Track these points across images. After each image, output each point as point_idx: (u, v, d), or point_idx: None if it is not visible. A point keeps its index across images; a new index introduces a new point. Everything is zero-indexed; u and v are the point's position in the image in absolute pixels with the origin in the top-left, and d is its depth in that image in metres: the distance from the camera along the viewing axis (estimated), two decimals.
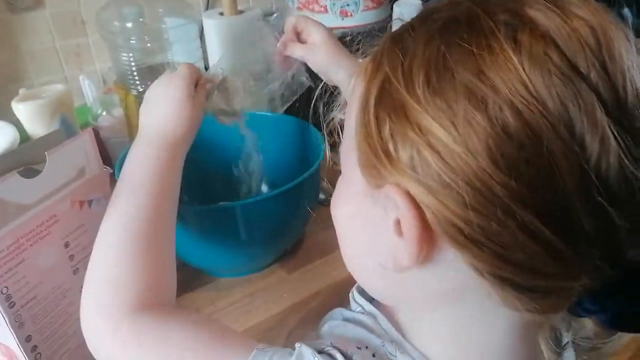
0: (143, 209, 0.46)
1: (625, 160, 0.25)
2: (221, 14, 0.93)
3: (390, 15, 1.03)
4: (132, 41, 0.74)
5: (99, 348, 0.42)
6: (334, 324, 0.39)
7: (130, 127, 0.81)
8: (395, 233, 0.29)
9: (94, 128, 0.84)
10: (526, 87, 0.25)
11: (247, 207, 0.61)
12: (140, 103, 0.76)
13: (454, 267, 0.29)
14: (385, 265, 0.32)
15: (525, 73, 0.25)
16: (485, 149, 0.25)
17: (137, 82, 0.75)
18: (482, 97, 0.26)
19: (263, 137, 0.71)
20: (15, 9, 0.89)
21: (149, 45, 0.76)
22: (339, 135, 0.37)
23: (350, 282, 0.40)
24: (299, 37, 0.66)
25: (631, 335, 0.30)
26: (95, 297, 0.43)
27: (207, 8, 1.09)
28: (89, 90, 0.91)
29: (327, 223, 0.38)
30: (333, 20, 1.03)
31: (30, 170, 0.47)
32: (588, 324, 0.32)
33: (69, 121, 0.74)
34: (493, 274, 0.27)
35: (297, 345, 0.35)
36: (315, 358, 0.33)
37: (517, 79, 0.25)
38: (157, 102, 0.53)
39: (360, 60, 0.34)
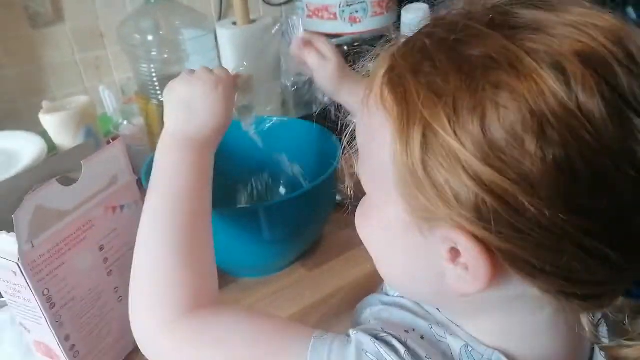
0: (181, 214, 0.46)
1: None
2: (234, 23, 0.96)
3: (399, 21, 1.06)
4: (152, 53, 0.77)
5: (156, 353, 0.43)
6: (376, 310, 0.40)
7: (152, 135, 0.84)
8: (456, 265, 0.30)
9: (115, 136, 0.87)
10: (587, 130, 0.26)
11: (269, 208, 0.64)
12: (161, 112, 0.79)
13: (518, 287, 0.30)
14: (438, 294, 0.34)
15: (585, 116, 0.26)
16: (555, 195, 0.26)
17: (158, 92, 0.78)
18: (544, 145, 0.26)
19: (281, 142, 0.73)
20: (37, 25, 0.92)
21: (167, 56, 0.79)
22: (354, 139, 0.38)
23: (369, 279, 0.42)
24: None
25: None
26: (146, 303, 0.44)
27: (220, 18, 1.12)
28: (109, 101, 0.94)
29: (345, 223, 0.40)
30: (342, 27, 1.06)
31: (67, 178, 0.50)
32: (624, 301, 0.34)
33: (93, 131, 0.77)
34: (558, 292, 0.30)
35: (352, 332, 0.35)
36: (376, 344, 0.34)
37: (577, 123, 0.26)
38: (196, 104, 0.51)
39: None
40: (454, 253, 0.30)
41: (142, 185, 0.63)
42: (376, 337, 0.34)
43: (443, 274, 0.32)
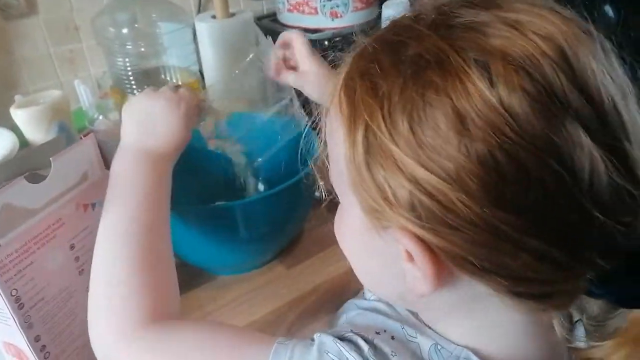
0: (138, 226, 0.46)
1: (613, 175, 0.27)
2: (213, 17, 0.95)
3: (379, 15, 1.05)
4: (127, 46, 0.76)
5: None
6: (352, 315, 0.40)
7: None
8: (410, 266, 0.31)
9: (89, 132, 0.86)
10: (510, 126, 0.26)
11: (245, 206, 0.63)
12: None
13: (470, 286, 0.31)
14: (405, 297, 0.34)
15: (507, 112, 0.26)
16: (482, 191, 0.27)
17: (134, 86, 0.77)
18: (468, 142, 0.26)
19: (259, 137, 0.72)
20: (9, 16, 0.90)
21: (143, 50, 0.78)
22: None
23: (347, 276, 0.42)
24: (288, 63, 0.65)
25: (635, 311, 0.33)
26: (102, 317, 0.44)
27: (199, 11, 1.10)
28: (84, 95, 0.91)
29: (324, 220, 0.40)
30: (323, 22, 1.05)
31: (35, 175, 0.48)
32: (595, 303, 0.35)
33: (66, 126, 0.76)
34: (506, 291, 0.30)
35: (316, 335, 0.35)
36: (337, 344, 0.34)
37: (499, 119, 0.26)
38: (157, 122, 0.52)
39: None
40: (408, 253, 0.30)
41: None
42: (340, 338, 0.34)
43: (404, 274, 0.32)
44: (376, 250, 0.33)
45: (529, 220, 0.27)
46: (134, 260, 0.45)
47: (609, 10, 0.90)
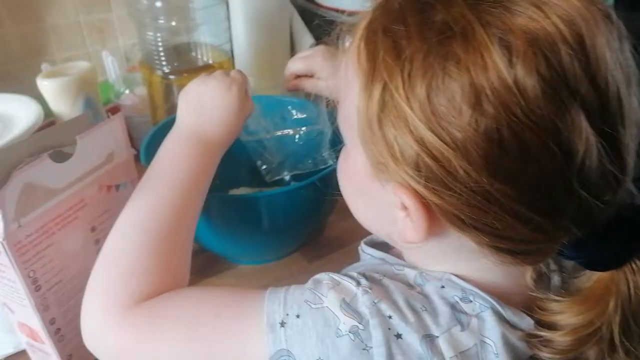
0: (170, 205, 0.45)
1: (604, 160, 0.30)
2: None
3: None
4: (159, 20, 0.73)
5: (104, 344, 0.40)
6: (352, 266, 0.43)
7: (154, 107, 0.80)
8: (403, 215, 0.33)
9: (115, 106, 0.84)
10: (520, 107, 0.28)
11: (271, 198, 0.60)
12: (166, 84, 0.76)
13: (456, 239, 0.33)
14: (392, 238, 0.38)
15: (520, 93, 0.28)
16: (483, 162, 0.29)
17: (163, 62, 0.74)
18: (479, 116, 0.28)
19: (287, 127, 0.69)
20: None
21: (175, 24, 0.75)
22: None
23: None
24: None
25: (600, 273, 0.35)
26: (103, 292, 0.41)
27: None
28: (111, 68, 0.90)
29: (347, 215, 0.41)
30: (361, 4, 1.01)
31: (60, 153, 0.46)
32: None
33: (93, 100, 0.74)
34: (489, 245, 0.33)
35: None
36: (329, 274, 0.37)
37: (511, 99, 0.28)
38: (211, 106, 0.51)
39: None
40: (403, 204, 0.33)
41: (139, 161, 0.59)
42: (331, 273, 0.37)
43: (395, 220, 0.35)
44: (373, 194, 0.36)
45: (520, 191, 0.30)
46: (156, 240, 0.43)
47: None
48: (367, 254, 0.44)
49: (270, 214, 0.61)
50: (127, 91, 0.85)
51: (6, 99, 0.76)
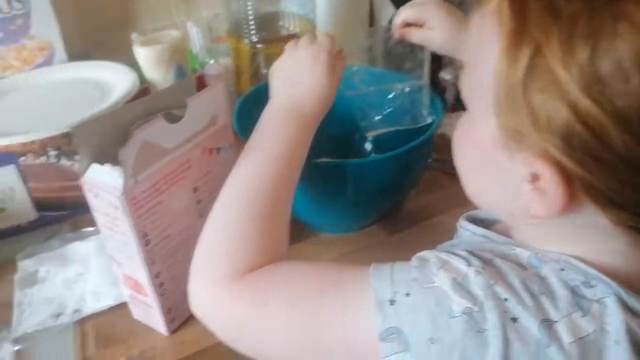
0: (270, 178, 0.45)
1: None
2: None
3: None
4: None
5: (211, 312, 0.41)
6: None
7: (239, 77, 0.82)
8: (529, 189, 0.32)
9: (201, 76, 0.86)
10: None
11: (359, 166, 0.61)
12: (254, 53, 0.77)
13: (590, 217, 0.32)
14: (510, 213, 0.36)
15: None
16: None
17: (252, 31, 0.75)
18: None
19: (376, 95, 0.69)
20: None
21: None
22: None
23: None
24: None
25: None
26: (209, 261, 0.42)
27: None
28: (196, 38, 0.92)
29: (430, 187, 0.40)
30: None
31: (171, 115, 0.48)
32: None
33: (183, 68, 0.76)
34: (629, 225, 0.31)
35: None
36: (435, 252, 0.36)
37: None
38: (301, 76, 0.51)
39: None
40: (534, 176, 0.32)
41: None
42: (436, 251, 0.36)
43: (518, 194, 0.33)
44: (497, 166, 0.34)
45: None
46: (259, 211, 0.44)
47: None
48: (467, 231, 0.43)
49: (356, 183, 0.61)
50: (212, 61, 0.87)
51: (102, 66, 0.80)
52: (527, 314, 0.31)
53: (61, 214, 0.72)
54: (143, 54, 0.72)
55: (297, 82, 0.51)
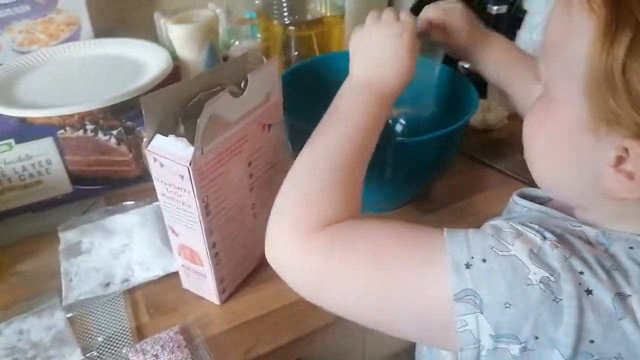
0: (351, 148, 0.47)
1: None
2: None
3: None
4: None
5: (289, 264, 0.43)
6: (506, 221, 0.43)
7: (268, 57, 0.83)
8: (617, 171, 0.34)
9: (226, 56, 0.87)
10: None
11: (401, 146, 0.63)
12: (286, 34, 0.78)
13: None
14: (584, 194, 0.38)
15: None
16: None
17: (285, 13, 0.77)
18: None
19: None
20: None
21: None
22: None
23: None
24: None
25: None
26: (292, 210, 0.44)
27: None
28: (220, 19, 0.92)
29: (463, 170, 0.41)
30: None
31: (233, 90, 0.50)
32: None
33: (215, 48, 0.77)
34: None
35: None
36: (509, 222, 0.38)
37: None
38: (385, 56, 0.52)
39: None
40: (620, 159, 0.33)
41: None
42: (510, 221, 0.39)
43: (601, 176, 0.35)
44: (577, 149, 0.36)
45: None
46: (332, 170, 0.46)
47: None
48: (522, 206, 0.46)
49: (396, 163, 0.63)
50: (237, 42, 0.88)
51: (132, 43, 0.81)
52: (601, 287, 0.34)
53: (95, 189, 0.73)
54: (177, 32, 0.73)
55: (382, 63, 0.52)
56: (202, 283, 0.56)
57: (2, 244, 0.65)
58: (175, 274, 0.59)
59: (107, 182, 0.73)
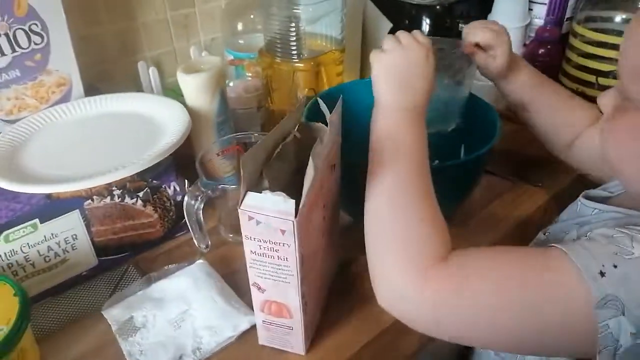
0: (418, 177, 0.49)
1: None
2: None
3: None
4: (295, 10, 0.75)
5: (408, 308, 0.45)
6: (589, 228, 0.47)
7: (270, 94, 0.82)
8: None
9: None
10: None
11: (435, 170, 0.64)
12: (294, 71, 0.78)
13: None
14: None
15: None
16: None
17: (293, 51, 0.77)
18: None
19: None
20: None
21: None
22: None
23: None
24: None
25: None
26: (394, 260, 0.46)
27: None
28: None
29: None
30: None
31: (297, 135, 0.50)
32: None
33: (225, 95, 0.75)
34: None
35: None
36: (616, 228, 0.42)
37: None
38: (417, 79, 0.54)
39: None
40: None
41: None
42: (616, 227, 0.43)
43: None
44: None
45: None
46: (421, 207, 0.48)
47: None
48: (592, 208, 0.50)
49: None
50: (231, 83, 0.86)
51: (128, 98, 0.76)
52: None
53: (119, 257, 0.68)
54: (190, 82, 0.71)
55: (414, 85, 0.54)
56: (286, 336, 0.54)
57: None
58: (246, 332, 0.57)
59: (133, 248, 0.68)
